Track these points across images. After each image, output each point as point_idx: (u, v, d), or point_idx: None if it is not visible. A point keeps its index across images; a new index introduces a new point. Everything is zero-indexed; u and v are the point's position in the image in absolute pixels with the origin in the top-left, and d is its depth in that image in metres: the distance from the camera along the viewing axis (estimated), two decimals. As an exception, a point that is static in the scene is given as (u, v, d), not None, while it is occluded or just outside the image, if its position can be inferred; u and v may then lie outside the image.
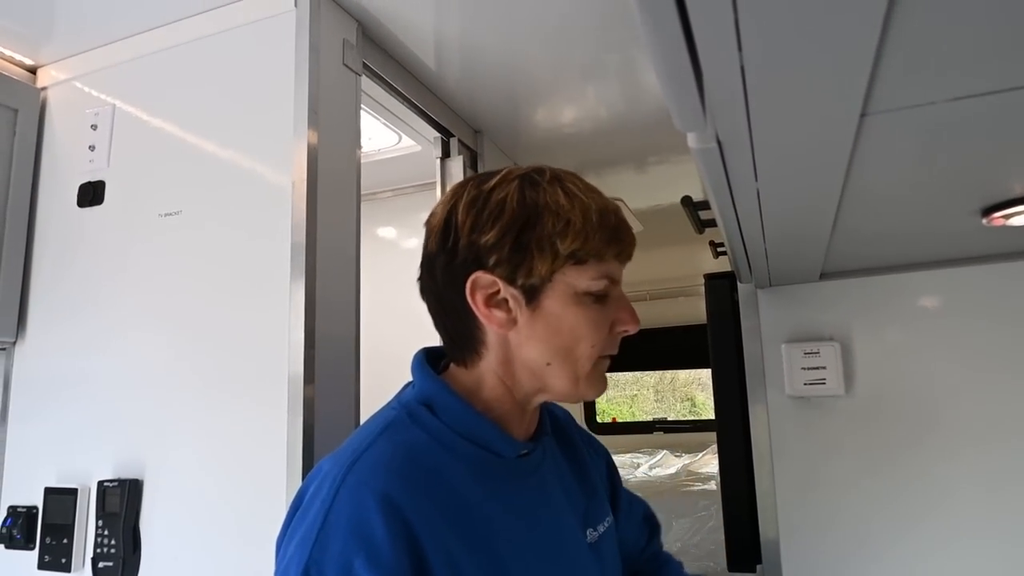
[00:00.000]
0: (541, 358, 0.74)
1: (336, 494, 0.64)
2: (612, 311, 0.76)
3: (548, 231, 0.71)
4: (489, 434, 0.74)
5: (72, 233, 1.42)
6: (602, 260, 0.73)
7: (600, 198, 0.76)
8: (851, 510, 1.15)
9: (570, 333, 0.73)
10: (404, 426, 0.72)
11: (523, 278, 0.72)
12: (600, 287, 0.73)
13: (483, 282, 0.73)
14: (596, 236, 0.72)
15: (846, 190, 0.70)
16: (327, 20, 1.31)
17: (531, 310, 0.73)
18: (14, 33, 1.42)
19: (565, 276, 0.72)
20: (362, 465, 0.67)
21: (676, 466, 3.17)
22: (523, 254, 0.71)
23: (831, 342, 1.17)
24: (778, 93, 0.49)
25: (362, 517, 0.63)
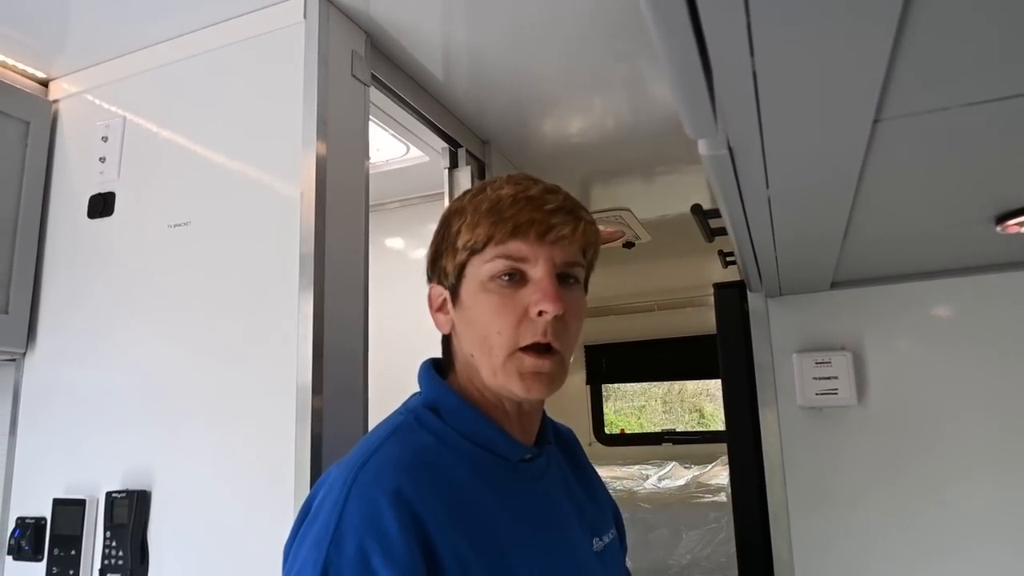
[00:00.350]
0: (467, 351, 0.76)
1: (348, 495, 0.65)
2: (527, 294, 0.72)
3: (453, 232, 0.77)
4: (493, 435, 0.75)
5: (82, 244, 1.43)
6: (499, 243, 0.73)
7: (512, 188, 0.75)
8: (865, 521, 1.13)
9: (479, 321, 0.74)
10: (411, 429, 0.74)
11: (445, 280, 0.78)
12: (500, 268, 0.73)
13: (433, 293, 0.81)
14: (484, 221, 0.74)
15: (858, 197, 0.69)
16: (336, 32, 1.32)
17: (456, 308, 0.77)
18: (27, 46, 1.44)
19: (471, 268, 0.75)
20: (372, 466, 0.67)
21: (685, 478, 3.15)
22: (440, 259, 0.79)
23: (843, 352, 1.16)
24: (790, 99, 0.48)
25: (375, 514, 0.63)
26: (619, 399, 7.58)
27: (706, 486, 2.80)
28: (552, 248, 0.73)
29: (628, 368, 4.54)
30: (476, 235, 0.73)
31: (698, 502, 2.58)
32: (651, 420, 7.84)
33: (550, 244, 0.73)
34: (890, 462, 1.13)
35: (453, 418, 0.75)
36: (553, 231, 0.73)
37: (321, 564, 0.62)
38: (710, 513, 2.45)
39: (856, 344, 1.17)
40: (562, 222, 0.73)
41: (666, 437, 4.30)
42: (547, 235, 0.73)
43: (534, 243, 0.73)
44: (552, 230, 0.73)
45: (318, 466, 1.12)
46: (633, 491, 2.88)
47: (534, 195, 0.74)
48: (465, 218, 0.75)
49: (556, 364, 0.74)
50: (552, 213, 0.73)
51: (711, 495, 2.63)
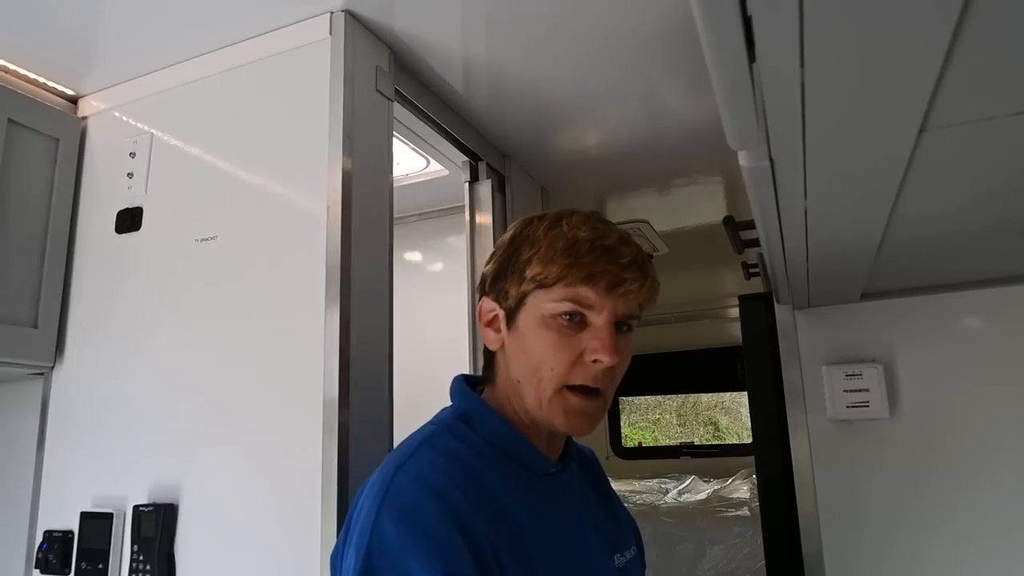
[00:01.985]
0: (515, 375, 0.79)
1: (386, 492, 0.67)
2: (586, 339, 0.76)
3: (523, 259, 0.79)
4: (521, 447, 0.78)
5: (110, 259, 1.44)
6: (569, 285, 0.76)
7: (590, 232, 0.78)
8: (898, 535, 1.11)
9: (533, 353, 0.77)
10: (443, 438, 0.76)
11: (504, 300, 0.81)
12: (565, 308, 0.76)
13: (485, 306, 0.84)
14: (558, 260, 0.76)
15: (896, 208, 0.69)
16: (361, 47, 1.33)
17: (510, 330, 0.80)
18: (56, 64, 1.46)
19: (534, 299, 0.78)
20: (408, 467, 0.70)
21: (705, 491, 3.11)
22: (503, 280, 0.81)
23: (873, 364, 1.14)
24: (837, 109, 0.48)
25: (414, 505, 0.66)
26: (633, 412, 7.54)
27: (728, 500, 2.76)
28: (617, 300, 0.76)
29: (645, 381, 4.51)
30: (548, 271, 0.76)
31: (721, 516, 2.55)
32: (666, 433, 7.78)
33: (617, 296, 0.76)
34: (923, 475, 1.11)
35: (483, 428, 0.78)
36: (623, 285, 0.76)
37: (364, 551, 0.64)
38: (734, 527, 2.42)
39: (887, 356, 1.15)
40: (632, 278, 0.77)
41: (684, 450, 4.26)
42: (617, 288, 0.76)
43: (602, 293, 0.75)
44: (622, 284, 0.76)
45: (344, 480, 1.12)
46: (655, 505, 2.85)
47: (610, 245, 0.77)
48: (538, 250, 0.78)
49: (599, 406, 0.78)
50: (625, 268, 0.76)
51: (734, 509, 2.59)
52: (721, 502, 2.75)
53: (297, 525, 1.12)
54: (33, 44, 1.38)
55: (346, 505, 1.10)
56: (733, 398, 7.51)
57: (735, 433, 7.48)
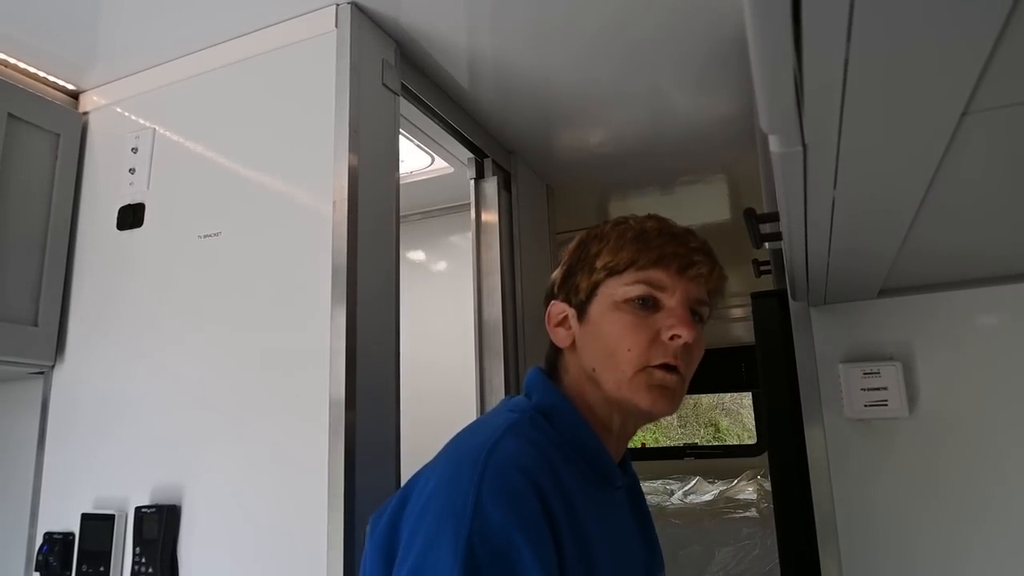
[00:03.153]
0: (589, 364, 0.79)
1: (484, 472, 0.64)
2: (661, 319, 0.76)
3: (591, 254, 0.81)
4: (600, 452, 0.77)
5: (112, 256, 1.42)
6: (640, 268, 0.77)
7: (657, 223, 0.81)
8: (917, 535, 1.09)
9: (609, 337, 0.77)
10: (527, 427, 0.74)
11: (574, 297, 0.82)
12: (638, 292, 0.76)
13: (554, 309, 0.84)
14: (628, 247, 0.78)
15: (927, 198, 0.67)
16: (367, 41, 1.31)
17: (582, 324, 0.80)
18: (57, 59, 1.44)
19: (606, 288, 0.79)
20: (500, 450, 0.68)
21: (711, 493, 3.09)
22: (572, 277, 0.82)
23: (892, 362, 1.12)
24: (879, 90, 0.46)
25: (516, 491, 0.64)
26: (633, 412, 7.52)
27: (735, 501, 2.74)
28: (689, 283, 0.77)
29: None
30: (619, 258, 0.77)
31: (729, 517, 2.53)
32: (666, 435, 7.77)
33: (688, 279, 0.77)
34: (944, 475, 1.08)
35: (563, 426, 0.77)
36: (694, 267, 0.77)
37: (466, 536, 0.60)
38: (743, 529, 2.39)
39: (905, 354, 1.13)
40: (702, 261, 0.78)
41: (688, 451, 4.24)
42: (688, 270, 0.77)
43: (674, 275, 0.77)
44: (693, 266, 0.77)
45: (351, 481, 1.10)
46: (662, 507, 2.83)
47: (678, 232, 0.80)
48: (607, 242, 0.79)
49: (680, 384, 0.77)
50: (694, 251, 0.78)
51: (742, 510, 2.57)
52: (728, 503, 2.73)
53: (302, 527, 1.10)
54: (34, 38, 1.36)
55: (352, 507, 1.08)
56: (733, 399, 7.50)
57: (735, 434, 7.47)
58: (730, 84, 1.68)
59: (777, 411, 1.26)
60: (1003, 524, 1.05)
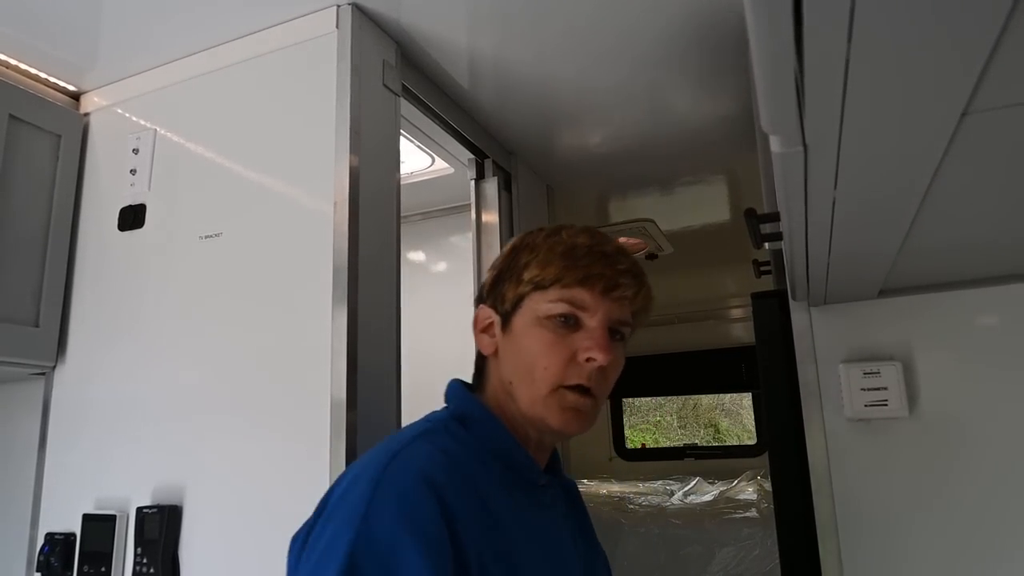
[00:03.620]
0: (507, 377, 0.79)
1: (379, 480, 0.65)
2: (579, 339, 0.77)
3: (520, 263, 0.81)
4: (516, 452, 0.78)
5: (113, 257, 1.42)
6: (565, 285, 0.77)
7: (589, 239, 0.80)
8: (918, 536, 1.09)
9: (527, 353, 0.77)
10: (439, 435, 0.75)
11: (500, 305, 0.82)
12: (560, 310, 0.77)
13: (481, 314, 0.85)
14: (556, 263, 0.78)
15: (927, 198, 0.67)
16: (368, 41, 1.31)
17: (505, 334, 0.81)
18: (58, 60, 1.44)
19: (531, 301, 0.79)
20: (403, 457, 0.69)
21: (711, 493, 3.09)
22: (500, 285, 0.83)
23: (892, 362, 1.12)
24: (880, 90, 0.46)
25: (408, 497, 0.64)
26: (633, 414, 7.53)
27: (736, 501, 2.74)
28: (612, 304, 0.78)
29: (648, 382, 4.49)
30: (546, 273, 0.78)
31: (730, 518, 2.53)
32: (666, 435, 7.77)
33: (611, 300, 0.78)
34: (944, 475, 1.08)
35: (479, 429, 0.78)
36: (618, 289, 0.78)
37: (350, 540, 0.61)
38: (743, 529, 2.40)
39: (906, 354, 1.13)
40: (628, 284, 0.79)
41: (688, 452, 4.23)
42: (612, 292, 0.77)
43: (598, 296, 0.77)
44: (618, 288, 0.78)
45: (353, 481, 1.10)
46: (662, 507, 2.83)
47: (608, 252, 0.79)
48: (537, 255, 0.79)
49: (593, 406, 0.78)
50: (621, 273, 0.79)
51: (742, 511, 2.57)
52: (728, 504, 2.73)
53: (304, 527, 1.09)
54: (35, 39, 1.37)
55: (354, 506, 1.08)
56: (733, 399, 7.50)
57: (735, 435, 7.47)
58: (730, 84, 1.68)
59: (777, 411, 1.26)
60: (1004, 524, 1.06)
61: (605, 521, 2.73)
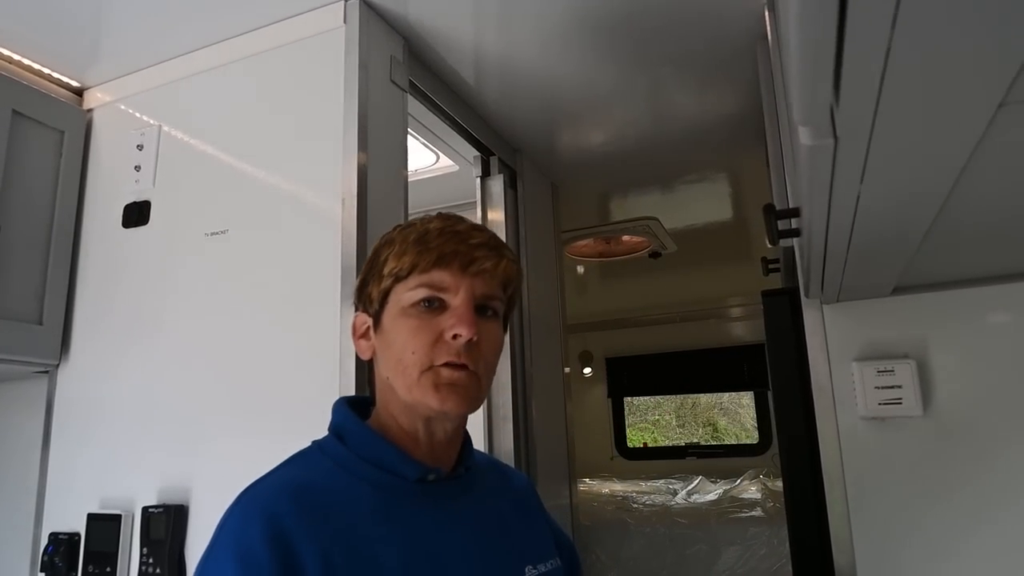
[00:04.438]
0: (384, 373, 0.80)
1: (230, 514, 0.70)
2: (444, 319, 0.77)
3: (380, 261, 0.80)
4: (388, 454, 0.77)
5: (117, 254, 1.41)
6: (423, 271, 0.77)
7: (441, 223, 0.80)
8: (933, 536, 1.08)
9: (397, 343, 0.77)
10: (310, 456, 0.79)
11: (369, 307, 0.82)
12: (421, 295, 0.77)
13: (357, 321, 0.84)
14: (411, 251, 0.78)
15: (953, 193, 0.66)
16: (376, 37, 1.30)
17: (377, 333, 0.81)
18: (61, 55, 1.43)
19: (394, 295, 0.79)
20: (256, 488, 0.73)
21: (715, 492, 3.09)
22: (366, 287, 0.82)
23: (906, 360, 1.11)
24: (918, 80, 0.45)
25: (244, 530, 0.67)
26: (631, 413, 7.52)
27: (740, 501, 2.73)
28: (473, 280, 0.78)
29: (650, 381, 4.48)
30: (402, 263, 0.77)
31: (735, 517, 2.52)
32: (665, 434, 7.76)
33: (471, 276, 0.77)
34: (960, 474, 1.08)
35: (354, 441, 0.78)
36: (475, 264, 0.77)
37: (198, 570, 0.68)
38: (749, 529, 2.39)
39: (920, 352, 1.12)
40: (485, 256, 0.78)
41: (690, 451, 4.23)
42: (469, 267, 0.77)
43: (456, 273, 0.77)
44: (474, 263, 0.77)
45: (362, 480, 1.08)
46: (667, 506, 2.82)
47: (461, 230, 0.79)
48: (393, 248, 0.79)
49: (472, 380, 0.77)
50: (476, 247, 0.78)
51: (747, 510, 2.56)
52: (733, 503, 2.72)
53: (313, 527, 1.08)
54: (38, 34, 1.35)
55: (363, 506, 1.07)
56: (731, 398, 7.49)
57: (733, 434, 7.47)
58: (734, 83, 1.67)
59: (788, 410, 1.25)
60: (1020, 522, 1.05)
61: (610, 520, 2.72)
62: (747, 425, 6.97)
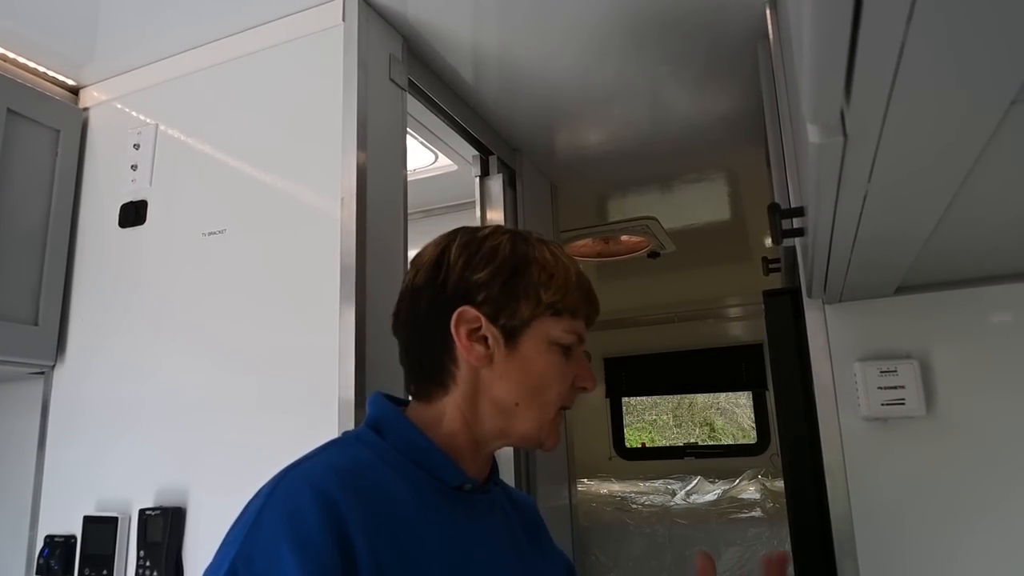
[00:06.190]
0: (511, 397, 0.78)
1: (273, 491, 0.66)
2: (574, 367, 0.81)
3: (535, 280, 0.78)
4: (432, 456, 0.76)
5: (113, 254, 1.39)
6: (575, 316, 0.80)
7: (575, 265, 0.83)
8: (937, 536, 1.07)
9: (541, 377, 0.78)
10: (348, 444, 0.76)
11: (505, 319, 0.78)
12: (570, 340, 0.80)
13: (468, 316, 0.77)
14: (574, 293, 0.80)
15: (961, 191, 0.65)
16: (375, 35, 1.29)
17: (508, 350, 0.78)
18: (57, 53, 1.42)
19: (543, 324, 0.78)
20: (301, 467, 0.70)
21: (714, 492, 3.08)
22: (509, 296, 0.78)
23: (909, 360, 1.10)
24: (931, 75, 0.44)
25: (296, 506, 0.63)
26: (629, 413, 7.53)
27: (740, 501, 2.73)
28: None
29: (648, 381, 4.48)
30: (567, 301, 0.79)
31: (735, 517, 2.52)
32: (662, 434, 7.77)
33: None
34: (964, 475, 1.07)
35: (393, 436, 0.76)
36: (593, 321, 0.84)
37: (234, 552, 0.62)
38: (749, 529, 2.39)
39: (923, 352, 1.11)
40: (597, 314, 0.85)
41: (688, 451, 4.22)
42: (590, 326, 0.84)
43: (585, 330, 0.82)
44: (592, 323, 0.84)
45: (361, 482, 1.08)
46: (666, 507, 2.81)
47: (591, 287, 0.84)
48: (554, 276, 0.79)
49: None
50: (597, 310, 0.84)
51: (747, 510, 2.56)
52: (733, 503, 2.72)
53: (312, 529, 1.07)
54: (33, 32, 1.34)
55: (363, 508, 1.06)
56: (728, 399, 7.50)
57: (731, 434, 7.47)
58: (734, 83, 1.67)
59: (790, 411, 1.24)
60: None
61: (609, 521, 2.72)
62: (744, 425, 6.97)
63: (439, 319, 0.78)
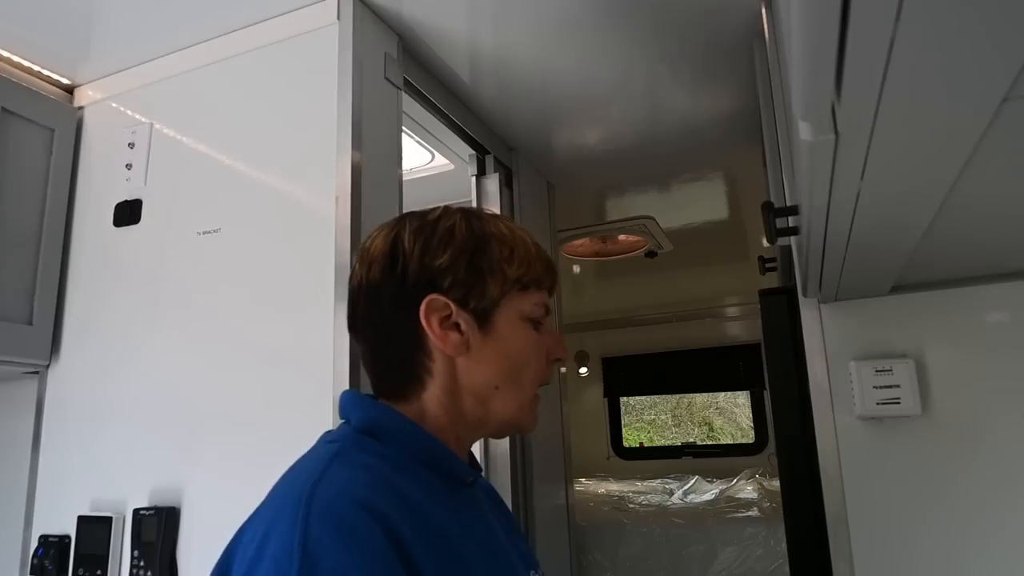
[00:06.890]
0: (489, 382, 0.74)
1: (308, 510, 0.57)
2: (546, 340, 0.78)
3: (497, 256, 0.74)
4: (444, 454, 0.72)
5: (108, 253, 1.39)
6: (540, 288, 0.78)
7: (532, 235, 0.81)
8: (931, 536, 1.07)
9: (518, 356, 0.75)
10: (354, 454, 0.67)
11: (476, 301, 0.74)
12: (540, 313, 0.77)
13: (437, 304, 0.72)
14: (536, 264, 0.77)
15: (954, 190, 0.65)
16: (370, 34, 1.29)
17: (483, 333, 0.74)
18: (51, 52, 1.41)
19: (512, 301, 0.75)
20: (326, 483, 0.60)
21: (711, 492, 3.08)
22: (476, 277, 0.74)
23: (904, 359, 1.10)
24: (921, 74, 0.44)
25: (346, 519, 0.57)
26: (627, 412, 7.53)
27: (737, 500, 2.73)
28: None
29: (646, 381, 4.48)
30: (532, 272, 0.76)
31: (732, 517, 2.52)
32: (660, 434, 7.77)
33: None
34: (958, 474, 1.07)
35: (395, 439, 0.70)
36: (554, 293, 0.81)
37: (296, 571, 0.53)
38: (746, 529, 2.39)
39: (918, 351, 1.11)
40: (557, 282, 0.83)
41: (686, 451, 4.23)
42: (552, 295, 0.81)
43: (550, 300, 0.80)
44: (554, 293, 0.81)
45: (356, 481, 1.07)
46: (664, 506, 2.81)
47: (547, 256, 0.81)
48: (513, 249, 0.75)
49: None
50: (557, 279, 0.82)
51: (744, 510, 2.56)
52: (730, 503, 2.72)
53: (306, 529, 1.07)
54: (28, 31, 1.34)
55: (357, 508, 1.06)
56: (727, 398, 7.50)
57: (729, 433, 7.47)
58: (730, 82, 1.67)
59: (785, 410, 1.24)
60: (1019, 523, 1.04)
61: (606, 521, 2.71)
62: (742, 424, 6.97)
63: (405, 312, 0.72)
